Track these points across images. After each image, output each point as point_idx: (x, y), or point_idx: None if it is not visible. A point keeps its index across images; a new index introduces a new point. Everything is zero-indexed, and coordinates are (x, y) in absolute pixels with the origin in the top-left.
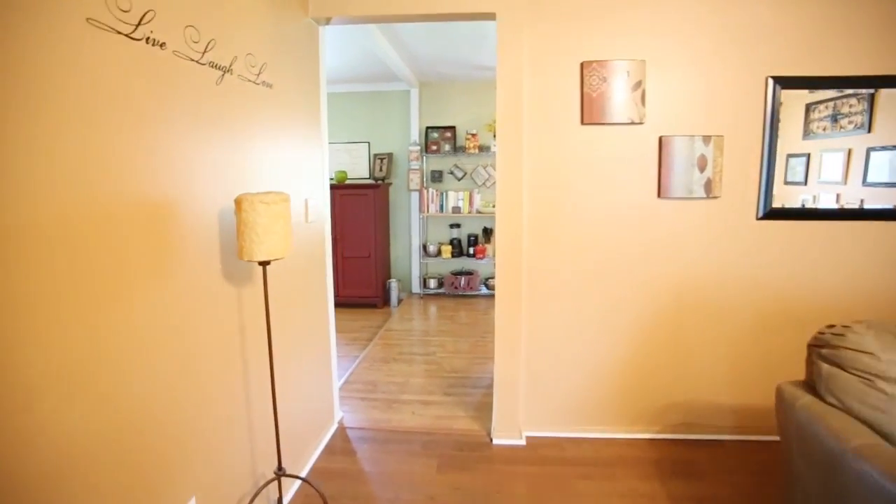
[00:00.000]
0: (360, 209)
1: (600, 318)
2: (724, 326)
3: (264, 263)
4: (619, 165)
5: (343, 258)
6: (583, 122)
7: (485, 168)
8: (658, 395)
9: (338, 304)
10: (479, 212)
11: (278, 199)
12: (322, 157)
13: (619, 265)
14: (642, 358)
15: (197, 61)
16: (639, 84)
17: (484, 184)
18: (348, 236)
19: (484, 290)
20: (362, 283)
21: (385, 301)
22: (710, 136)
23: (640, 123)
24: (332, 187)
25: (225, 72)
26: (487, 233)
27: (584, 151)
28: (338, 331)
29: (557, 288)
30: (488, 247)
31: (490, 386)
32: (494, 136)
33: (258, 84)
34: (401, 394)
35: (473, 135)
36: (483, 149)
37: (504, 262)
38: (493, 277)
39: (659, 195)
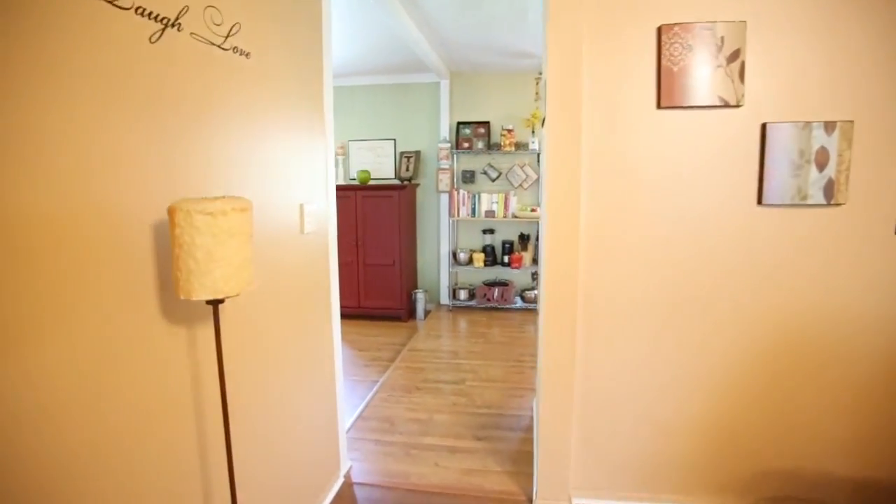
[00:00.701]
0: (383, 212)
1: (676, 359)
2: (845, 375)
3: (214, 302)
4: (705, 162)
5: (364, 266)
6: (659, 106)
7: (522, 168)
8: (751, 458)
9: (358, 317)
10: (515, 216)
11: (230, 207)
12: (326, 154)
13: (704, 293)
14: (731, 411)
15: (112, 2)
16: (736, 54)
17: (521, 185)
18: (371, 242)
19: (519, 303)
20: (386, 293)
21: (410, 313)
22: (834, 123)
23: (737, 106)
24: (354, 188)
25: (167, 25)
26: (524, 240)
27: (660, 144)
28: (356, 348)
29: (621, 320)
30: (525, 255)
31: (529, 429)
32: (533, 131)
33: (226, 50)
34: (423, 436)
35: (510, 130)
36: (520, 146)
37: (553, 286)
38: (530, 289)
39: (759, 201)
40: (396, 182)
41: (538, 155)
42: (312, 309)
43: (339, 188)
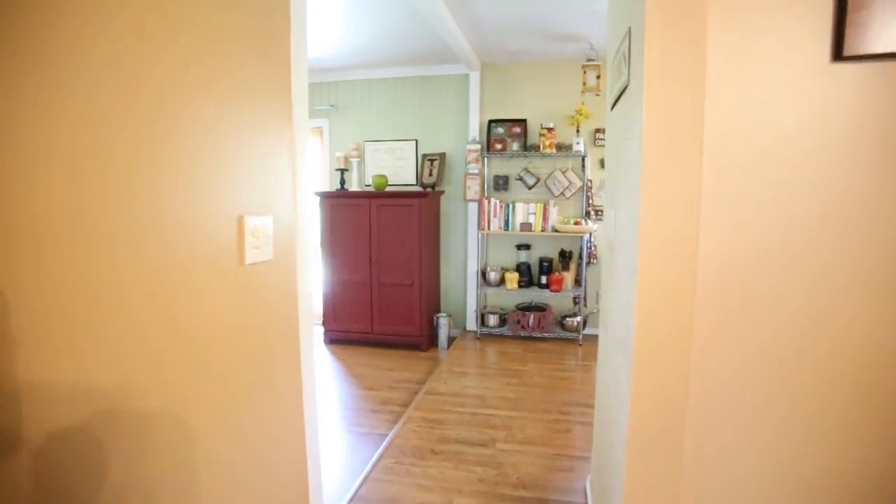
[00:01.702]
0: (402, 224)
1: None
2: None
3: None
4: None
5: (379, 286)
6: (838, 56)
7: (564, 173)
8: None
9: (371, 344)
10: (555, 230)
11: None
12: (292, 145)
13: None
14: None
15: None
16: None
17: (563, 193)
18: (387, 258)
19: (559, 332)
20: (403, 317)
21: (431, 341)
22: None
23: None
24: (369, 196)
25: None
26: (566, 257)
27: (840, 119)
28: (364, 386)
29: (765, 412)
30: (566, 276)
31: None
32: (578, 130)
33: None
34: None
35: (550, 129)
36: (562, 148)
37: (647, 344)
38: (571, 315)
39: None
40: (418, 189)
41: (583, 158)
42: (262, 382)
43: (351, 195)
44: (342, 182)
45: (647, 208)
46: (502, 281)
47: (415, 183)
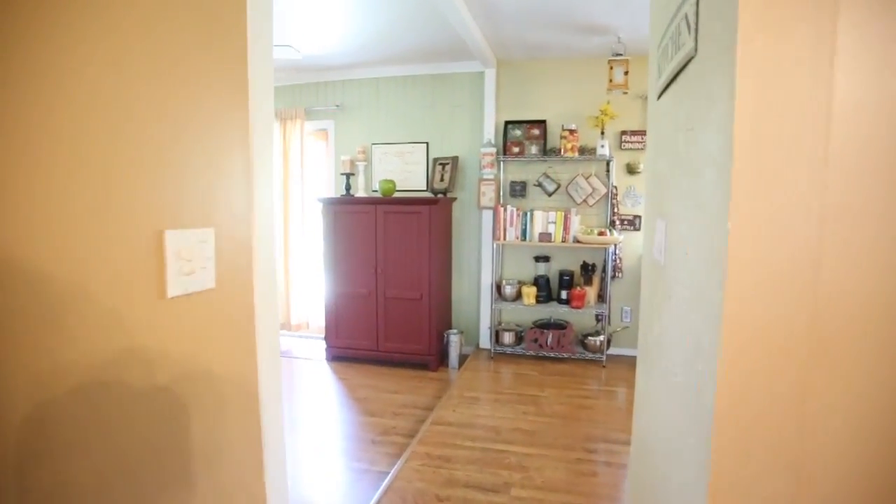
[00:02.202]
0: (411, 232)
1: None
2: None
3: None
4: None
5: (385, 299)
6: None
7: (587, 179)
8: None
9: (376, 362)
10: (577, 241)
11: None
12: (245, 136)
13: None
14: None
15: None
16: None
17: (585, 201)
18: (394, 269)
19: (581, 353)
20: (410, 334)
21: (441, 360)
22: None
23: None
24: (375, 202)
25: None
26: (588, 271)
27: None
28: (366, 412)
29: None
30: (589, 291)
31: None
32: (602, 132)
33: None
34: None
35: (572, 131)
36: (585, 151)
37: (737, 414)
38: (593, 334)
39: None
40: (428, 195)
41: (608, 162)
42: (192, 475)
43: (356, 201)
44: (348, 187)
45: (742, 222)
46: (519, 295)
47: (425, 189)
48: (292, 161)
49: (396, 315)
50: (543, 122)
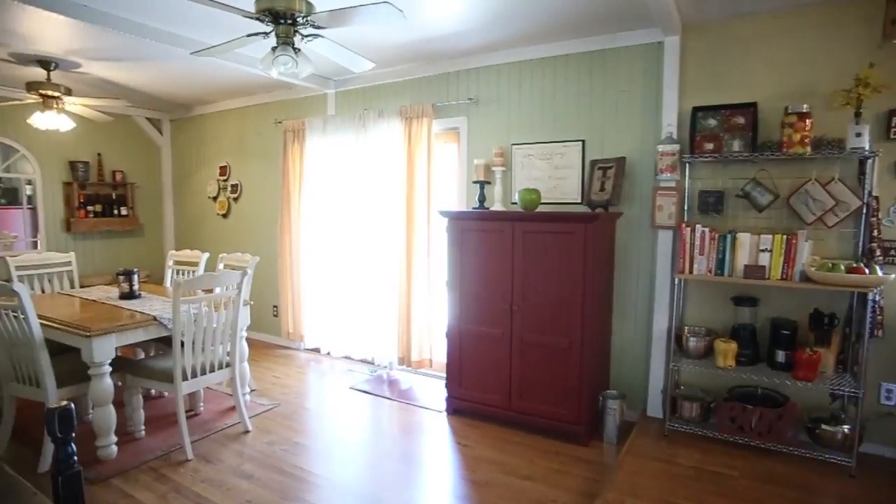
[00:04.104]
0: (558, 258)
1: None
2: None
3: None
4: None
5: (522, 344)
6: None
7: (825, 185)
8: None
9: (508, 423)
10: (807, 278)
11: None
12: None
13: None
14: None
15: None
16: None
17: (822, 219)
18: (534, 306)
19: (809, 447)
20: (553, 392)
21: (593, 430)
22: None
23: None
24: (512, 218)
25: None
26: (823, 323)
27: None
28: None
29: None
30: (824, 353)
31: None
32: (858, 112)
33: None
34: None
35: (802, 116)
36: (824, 144)
37: None
38: (830, 421)
39: None
40: (583, 209)
41: (862, 161)
42: None
43: (487, 216)
44: (482, 199)
45: None
46: (709, 351)
47: (579, 200)
48: (418, 168)
49: (536, 365)
50: (753, 105)
